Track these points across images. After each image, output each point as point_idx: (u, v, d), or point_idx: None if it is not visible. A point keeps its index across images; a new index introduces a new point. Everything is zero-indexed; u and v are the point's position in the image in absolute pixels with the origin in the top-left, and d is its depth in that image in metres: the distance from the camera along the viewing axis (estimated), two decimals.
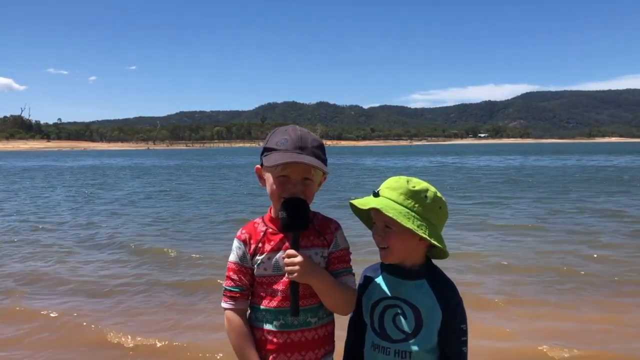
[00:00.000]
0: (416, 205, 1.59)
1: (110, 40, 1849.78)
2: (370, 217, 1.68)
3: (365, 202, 1.61)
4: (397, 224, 1.55)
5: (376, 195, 1.62)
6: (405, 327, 1.60)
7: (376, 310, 1.67)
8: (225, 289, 1.70)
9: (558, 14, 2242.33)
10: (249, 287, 1.69)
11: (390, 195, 1.60)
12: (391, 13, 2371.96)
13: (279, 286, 1.67)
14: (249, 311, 1.73)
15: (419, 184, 1.63)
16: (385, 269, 1.71)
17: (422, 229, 1.55)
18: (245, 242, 1.69)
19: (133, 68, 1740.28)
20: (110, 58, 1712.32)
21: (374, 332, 1.67)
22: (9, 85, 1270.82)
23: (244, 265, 1.68)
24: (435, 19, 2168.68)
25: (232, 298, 1.68)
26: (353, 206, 1.70)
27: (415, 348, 1.58)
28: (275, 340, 1.66)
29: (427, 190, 1.62)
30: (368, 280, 1.74)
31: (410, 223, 1.54)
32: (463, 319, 1.61)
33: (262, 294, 1.69)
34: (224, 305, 1.69)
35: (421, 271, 1.65)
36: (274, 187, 1.65)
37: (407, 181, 1.62)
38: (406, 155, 77.31)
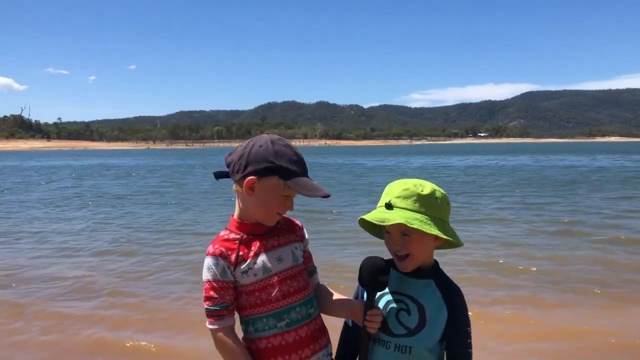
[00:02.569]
0: (431, 209, 1.61)
1: (110, 40, 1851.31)
2: (379, 227, 1.69)
3: (384, 218, 1.59)
4: (418, 231, 1.57)
5: (389, 207, 1.61)
6: (408, 323, 1.62)
7: (380, 302, 1.69)
8: (209, 310, 1.63)
9: (558, 13, 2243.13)
10: (233, 302, 1.66)
11: (404, 205, 1.61)
12: (391, 13, 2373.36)
13: (273, 287, 1.67)
14: (247, 326, 1.70)
15: (424, 186, 1.64)
16: (392, 263, 1.70)
17: (443, 232, 1.59)
18: (222, 256, 1.64)
19: (133, 67, 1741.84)
20: (110, 58, 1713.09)
21: None
22: (9, 85, 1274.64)
23: (225, 281, 1.64)
24: (435, 18, 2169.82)
25: (218, 317, 1.63)
26: (363, 220, 1.69)
27: (416, 344, 1.60)
28: (284, 342, 1.66)
29: (434, 191, 1.64)
30: None
31: (433, 229, 1.57)
32: (468, 322, 1.65)
33: (257, 302, 1.66)
34: (210, 326, 1.64)
35: (429, 271, 1.68)
36: (273, 203, 1.66)
37: (415, 185, 1.63)
38: (397, 155, 77.21)
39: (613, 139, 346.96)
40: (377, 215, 1.62)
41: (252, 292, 1.66)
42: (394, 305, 1.65)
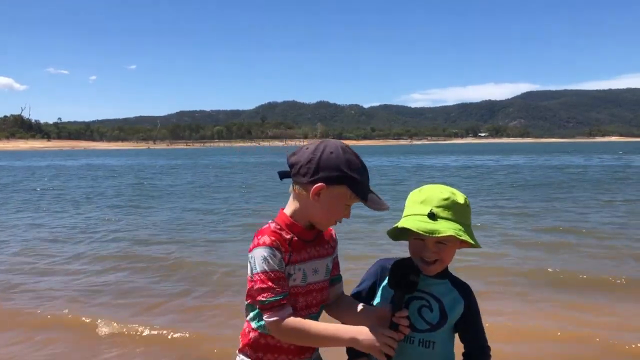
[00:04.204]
0: (465, 217, 1.68)
1: (110, 40, 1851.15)
2: (403, 232, 1.72)
3: (433, 229, 1.61)
4: (454, 240, 1.64)
5: (433, 217, 1.63)
6: (431, 319, 1.69)
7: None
8: (270, 301, 1.60)
9: (558, 13, 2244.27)
10: (288, 292, 1.65)
11: (447, 215, 1.64)
12: (392, 13, 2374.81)
13: (302, 296, 1.70)
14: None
15: (456, 194, 1.69)
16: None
17: (476, 241, 1.66)
18: (278, 249, 1.63)
19: (133, 67, 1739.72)
20: (111, 58, 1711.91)
21: None
22: (9, 85, 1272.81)
23: (282, 271, 1.63)
24: (435, 18, 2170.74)
25: (280, 307, 1.61)
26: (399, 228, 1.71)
27: (439, 338, 1.68)
28: (293, 347, 1.71)
29: (465, 198, 1.70)
30: (387, 270, 1.76)
31: (470, 237, 1.64)
32: (480, 315, 1.76)
33: None
34: (272, 319, 1.61)
35: (445, 273, 1.76)
36: (337, 211, 1.69)
37: (452, 194, 1.68)
38: (401, 155, 77.14)
39: (613, 138, 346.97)
40: (425, 226, 1.62)
41: None
42: (416, 302, 1.70)
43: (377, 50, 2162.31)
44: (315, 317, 1.74)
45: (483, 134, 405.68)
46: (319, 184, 1.62)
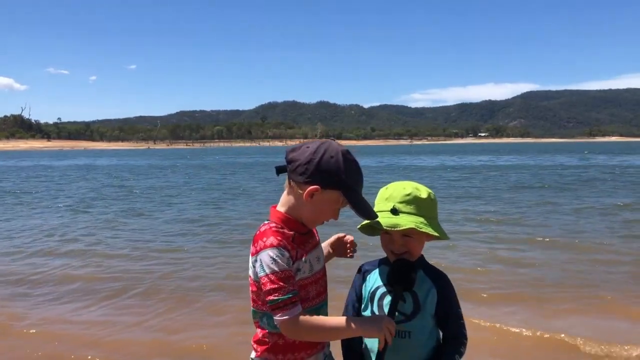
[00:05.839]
0: (428, 210, 1.75)
1: (110, 40, 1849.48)
2: (373, 227, 1.79)
3: (395, 224, 1.70)
4: (419, 232, 1.72)
5: (395, 212, 1.72)
6: (405, 310, 1.74)
7: (376, 295, 1.81)
8: (282, 299, 1.61)
9: (558, 13, 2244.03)
10: (297, 290, 1.67)
11: (408, 210, 1.73)
12: (392, 13, 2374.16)
13: (312, 285, 1.75)
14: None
15: (420, 189, 1.78)
16: (384, 262, 1.85)
17: (441, 233, 1.75)
18: (286, 248, 1.65)
19: (133, 67, 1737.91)
20: (111, 58, 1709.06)
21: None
22: (10, 85, 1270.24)
23: (291, 270, 1.66)
24: (435, 19, 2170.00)
25: (292, 304, 1.62)
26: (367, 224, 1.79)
27: (414, 328, 1.73)
28: (307, 341, 1.73)
29: (429, 193, 1.78)
30: (367, 272, 1.89)
31: (433, 230, 1.72)
32: (458, 304, 1.78)
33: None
34: (285, 317, 1.61)
35: (418, 263, 1.80)
36: (327, 213, 1.73)
37: (414, 189, 1.76)
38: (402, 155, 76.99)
39: (614, 138, 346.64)
40: (387, 221, 1.72)
41: None
42: (389, 295, 1.77)
43: (377, 50, 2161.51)
44: (325, 305, 1.81)
45: (483, 134, 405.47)
46: (315, 186, 1.64)
